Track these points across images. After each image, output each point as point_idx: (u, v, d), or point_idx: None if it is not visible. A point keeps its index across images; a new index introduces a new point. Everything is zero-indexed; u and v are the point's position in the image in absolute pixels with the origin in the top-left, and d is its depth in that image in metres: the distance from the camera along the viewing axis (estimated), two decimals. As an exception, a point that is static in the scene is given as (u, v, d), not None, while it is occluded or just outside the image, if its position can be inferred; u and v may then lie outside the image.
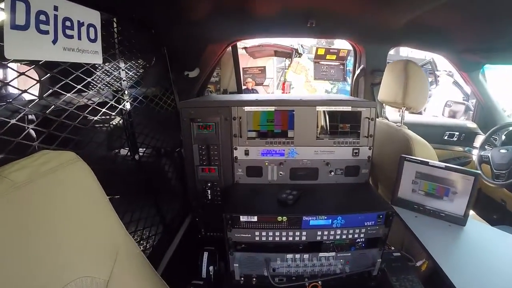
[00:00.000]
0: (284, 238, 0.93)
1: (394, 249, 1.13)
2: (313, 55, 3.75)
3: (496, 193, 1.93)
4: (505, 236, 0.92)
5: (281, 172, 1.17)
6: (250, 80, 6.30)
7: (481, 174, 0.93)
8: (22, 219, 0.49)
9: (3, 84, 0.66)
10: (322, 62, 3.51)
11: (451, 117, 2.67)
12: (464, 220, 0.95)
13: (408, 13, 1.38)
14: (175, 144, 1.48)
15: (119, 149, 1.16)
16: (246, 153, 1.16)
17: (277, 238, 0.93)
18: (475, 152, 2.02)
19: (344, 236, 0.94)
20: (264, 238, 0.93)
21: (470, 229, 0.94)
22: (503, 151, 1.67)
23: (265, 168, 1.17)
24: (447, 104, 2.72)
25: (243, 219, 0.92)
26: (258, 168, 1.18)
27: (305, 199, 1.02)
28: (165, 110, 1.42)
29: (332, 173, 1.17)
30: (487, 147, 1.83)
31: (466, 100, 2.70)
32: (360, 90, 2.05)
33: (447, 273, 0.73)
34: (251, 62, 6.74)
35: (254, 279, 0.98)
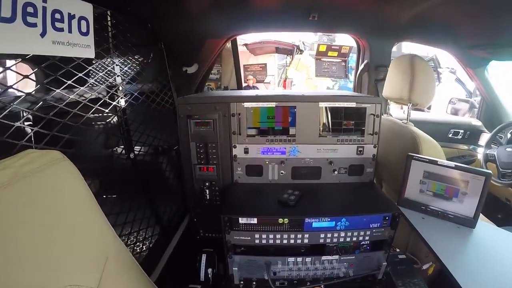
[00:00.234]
0: (286, 241, 0.90)
1: (399, 251, 1.09)
2: (315, 52, 3.71)
3: (501, 192, 1.90)
4: None
5: (282, 171, 1.14)
6: (251, 77, 6.28)
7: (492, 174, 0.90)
8: (2, 223, 0.45)
9: None
10: (324, 59, 3.47)
11: (455, 115, 2.62)
12: (474, 222, 0.91)
13: (414, 7, 1.34)
14: (173, 142, 1.44)
15: (114, 148, 1.12)
16: (246, 151, 1.13)
17: (278, 241, 0.90)
18: (480, 151, 2.00)
19: (349, 239, 0.91)
20: (265, 241, 0.90)
21: (480, 231, 0.91)
22: (510, 150, 1.65)
23: (266, 167, 1.14)
24: (451, 101, 2.68)
25: (242, 221, 0.88)
26: (258, 167, 1.14)
27: (308, 200, 0.99)
28: (162, 107, 1.38)
29: (336, 172, 1.14)
30: (493, 146, 1.82)
31: (469, 98, 2.66)
32: (364, 86, 2.01)
33: (457, 279, 0.70)
34: (252, 59, 6.71)
35: (254, 283, 0.95)
